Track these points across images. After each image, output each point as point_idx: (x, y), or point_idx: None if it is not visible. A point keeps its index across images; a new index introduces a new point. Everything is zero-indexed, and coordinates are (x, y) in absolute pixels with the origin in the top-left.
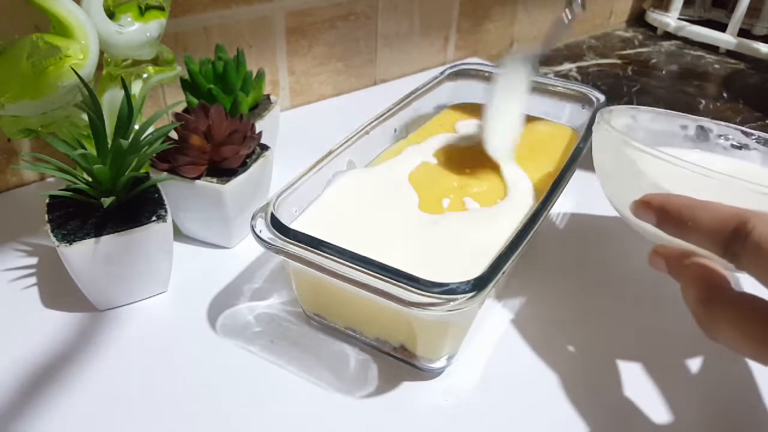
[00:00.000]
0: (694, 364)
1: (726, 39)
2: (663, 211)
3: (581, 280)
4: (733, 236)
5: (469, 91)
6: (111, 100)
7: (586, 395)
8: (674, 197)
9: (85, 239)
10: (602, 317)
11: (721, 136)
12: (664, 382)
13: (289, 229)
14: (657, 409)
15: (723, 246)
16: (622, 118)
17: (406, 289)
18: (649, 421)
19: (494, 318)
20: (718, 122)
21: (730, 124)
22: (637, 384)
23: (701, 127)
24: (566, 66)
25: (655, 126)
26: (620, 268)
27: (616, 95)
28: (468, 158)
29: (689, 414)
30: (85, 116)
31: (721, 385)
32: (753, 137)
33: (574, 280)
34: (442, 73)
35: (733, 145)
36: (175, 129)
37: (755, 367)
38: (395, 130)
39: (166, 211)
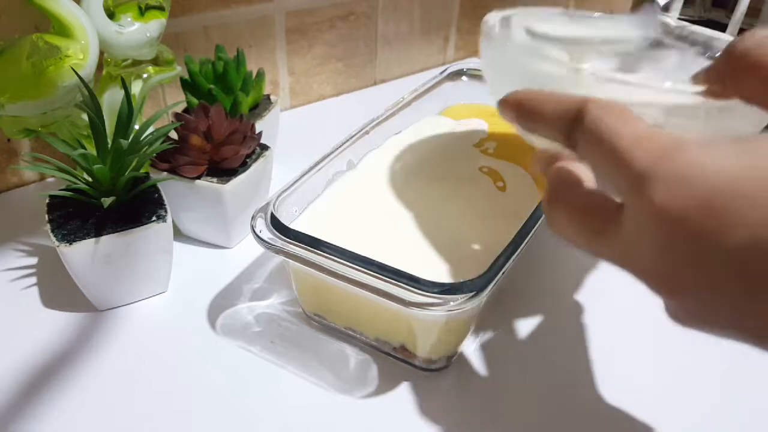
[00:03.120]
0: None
1: (726, 39)
2: (518, 106)
3: (582, 280)
4: (573, 124)
5: (469, 91)
6: (111, 100)
7: (586, 396)
8: (529, 92)
9: (85, 239)
10: (603, 317)
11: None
12: (667, 384)
13: (289, 229)
14: (657, 411)
15: (566, 135)
16: (517, 29)
17: (406, 289)
18: (649, 422)
19: (494, 318)
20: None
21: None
22: (640, 386)
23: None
24: None
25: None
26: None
27: None
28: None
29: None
30: (85, 116)
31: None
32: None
33: (575, 279)
34: (442, 73)
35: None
36: (175, 129)
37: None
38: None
39: (166, 211)
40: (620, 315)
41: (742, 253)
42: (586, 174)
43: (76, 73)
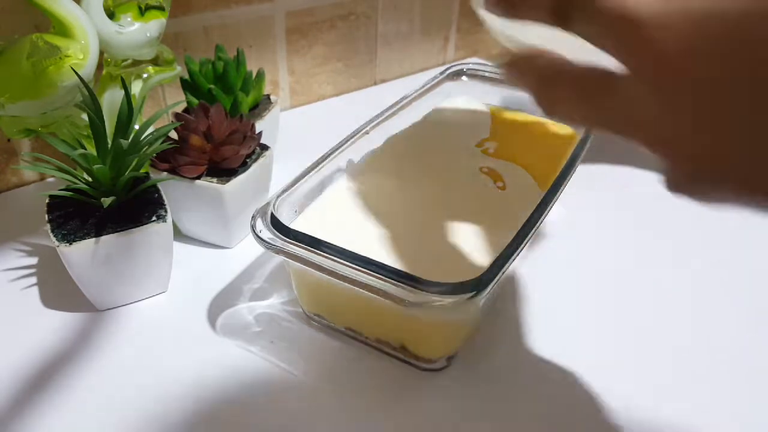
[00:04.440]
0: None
1: None
2: None
3: (582, 280)
4: None
5: (469, 91)
6: (111, 100)
7: (586, 396)
8: None
9: (85, 239)
10: (603, 316)
11: None
12: (667, 383)
13: (289, 229)
14: (658, 410)
15: (553, 10)
16: None
17: (406, 289)
18: (650, 421)
19: (494, 317)
20: None
21: None
22: (641, 385)
23: None
24: None
25: None
26: (623, 262)
27: None
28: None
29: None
30: (85, 116)
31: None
32: None
33: (576, 279)
34: (442, 73)
35: None
36: (175, 129)
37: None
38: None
39: (166, 211)
40: (621, 314)
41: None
42: (571, 59)
43: (76, 73)
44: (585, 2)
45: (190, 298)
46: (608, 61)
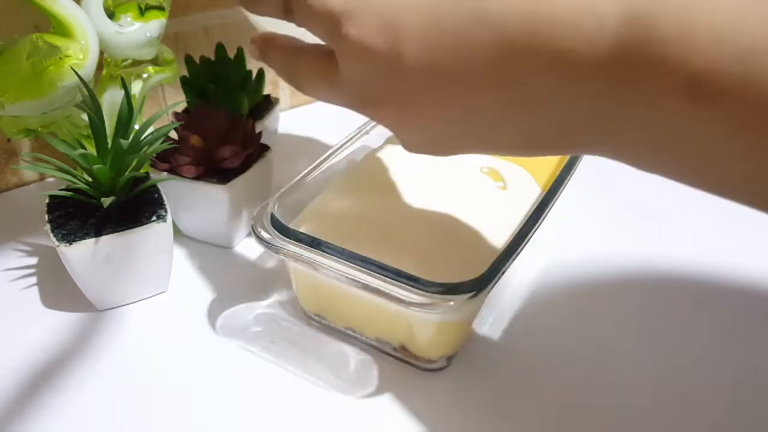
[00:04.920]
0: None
1: None
2: None
3: (582, 279)
4: None
5: None
6: (111, 100)
7: (587, 395)
8: None
9: (85, 239)
10: (604, 315)
11: None
12: (668, 381)
13: (289, 229)
14: (659, 407)
15: (281, 7)
16: None
17: (406, 289)
18: (651, 420)
19: (494, 317)
20: None
21: None
22: (643, 384)
23: None
24: None
25: None
26: (622, 262)
27: None
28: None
29: None
30: (85, 116)
31: None
32: None
33: (576, 279)
34: None
35: None
36: (175, 129)
37: None
38: None
39: (166, 211)
40: (621, 312)
41: (421, 60)
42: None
43: (76, 73)
44: (300, 1)
45: (190, 298)
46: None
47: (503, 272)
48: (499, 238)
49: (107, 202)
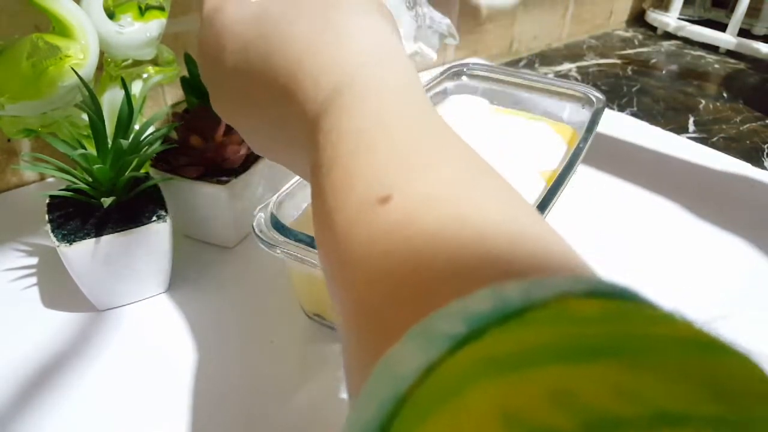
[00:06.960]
0: None
1: (726, 39)
2: None
3: None
4: None
5: (469, 91)
6: (111, 100)
7: None
8: None
9: (85, 239)
10: None
11: None
12: None
13: (289, 229)
14: None
15: None
16: None
17: None
18: None
19: None
20: None
21: None
22: None
23: None
24: (566, 66)
25: None
26: (622, 263)
27: (616, 95)
28: None
29: None
30: (85, 116)
31: None
32: None
33: None
34: (442, 73)
35: None
36: (175, 129)
37: None
38: None
39: (166, 211)
40: None
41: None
42: None
43: (76, 73)
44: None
45: (190, 298)
46: None
47: None
48: None
49: (107, 202)
